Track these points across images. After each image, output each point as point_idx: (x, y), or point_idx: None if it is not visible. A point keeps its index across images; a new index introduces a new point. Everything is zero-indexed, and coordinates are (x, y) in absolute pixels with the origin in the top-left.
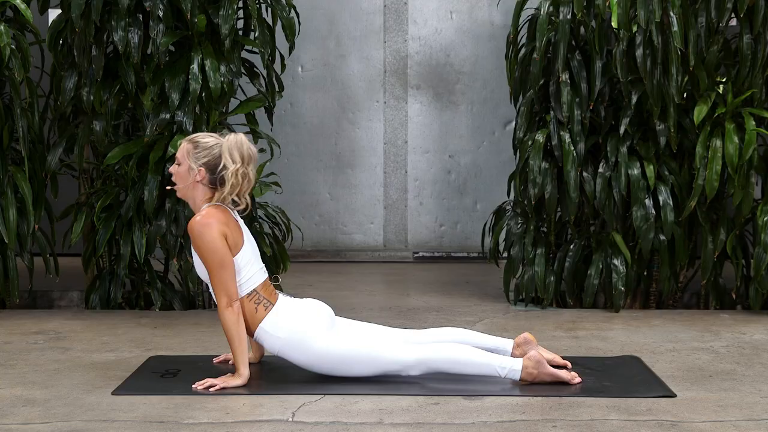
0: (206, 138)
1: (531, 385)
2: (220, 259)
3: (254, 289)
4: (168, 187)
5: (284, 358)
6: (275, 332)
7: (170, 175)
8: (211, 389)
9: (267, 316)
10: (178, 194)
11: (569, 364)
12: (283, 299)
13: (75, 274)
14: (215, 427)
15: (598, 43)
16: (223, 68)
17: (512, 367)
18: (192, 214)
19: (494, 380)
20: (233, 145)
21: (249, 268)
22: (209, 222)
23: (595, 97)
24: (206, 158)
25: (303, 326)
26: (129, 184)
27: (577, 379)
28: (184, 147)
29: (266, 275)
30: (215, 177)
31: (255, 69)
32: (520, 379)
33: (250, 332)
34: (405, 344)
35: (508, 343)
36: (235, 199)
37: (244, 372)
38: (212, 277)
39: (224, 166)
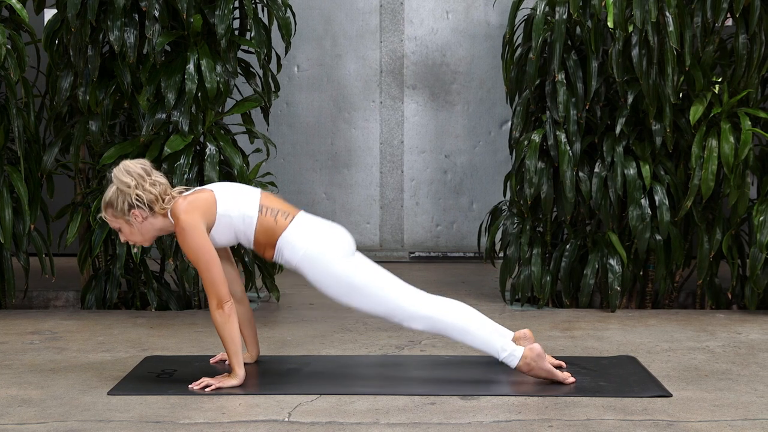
0: (107, 193)
1: (524, 376)
2: (205, 259)
3: (260, 205)
4: (141, 254)
5: (300, 272)
6: (297, 243)
7: (133, 246)
8: (207, 389)
9: (289, 226)
10: (150, 242)
11: (563, 364)
12: (304, 214)
13: (71, 274)
14: (211, 427)
15: (594, 43)
16: (219, 68)
17: (513, 353)
18: None
19: (489, 378)
20: (118, 177)
21: (236, 200)
22: (190, 222)
23: (591, 97)
24: (123, 204)
25: (325, 243)
26: None
27: (571, 379)
28: (108, 218)
29: (259, 189)
30: (143, 206)
31: (251, 69)
32: (515, 367)
33: (272, 244)
34: (417, 295)
35: (508, 335)
36: (167, 199)
37: (240, 372)
38: (201, 277)
39: (136, 196)
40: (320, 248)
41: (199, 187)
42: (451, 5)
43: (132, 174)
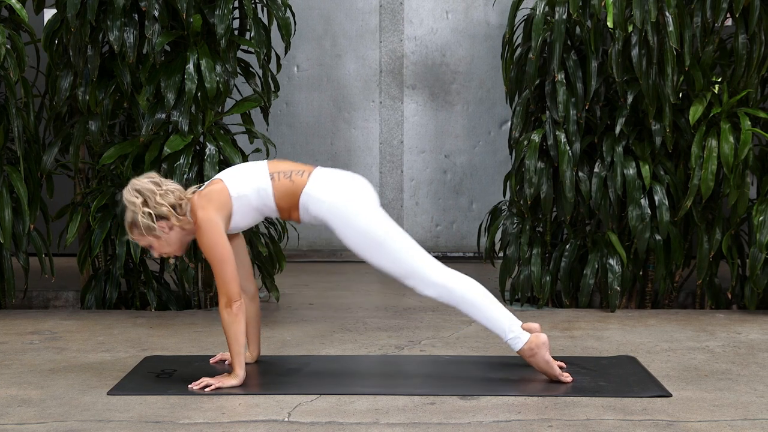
0: (125, 216)
1: (523, 376)
2: (219, 256)
3: (270, 173)
4: (172, 260)
5: (327, 225)
6: (321, 196)
7: (167, 257)
8: (206, 389)
9: (309, 182)
10: (183, 250)
11: (563, 365)
12: (321, 168)
13: (70, 274)
14: (211, 427)
15: (594, 43)
16: (218, 68)
17: (519, 336)
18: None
19: (489, 378)
20: (127, 198)
21: (246, 178)
22: (205, 218)
23: (591, 96)
24: (146, 222)
25: (350, 193)
26: (125, 184)
27: (568, 378)
28: (135, 238)
29: (265, 160)
30: (163, 217)
31: (251, 69)
32: (517, 351)
33: (296, 205)
34: (435, 263)
35: (517, 321)
36: (183, 204)
37: (240, 372)
38: (214, 273)
39: (154, 208)
40: (345, 198)
41: (209, 180)
42: (450, 5)
43: (141, 191)
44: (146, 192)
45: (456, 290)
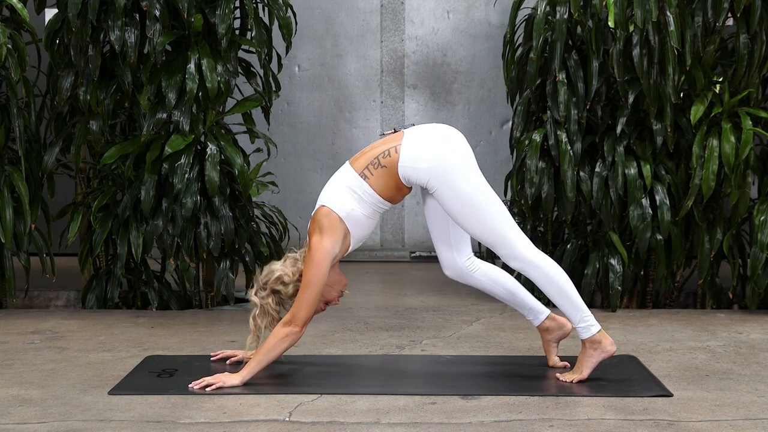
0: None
1: (523, 376)
2: (313, 279)
3: (358, 174)
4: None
5: (432, 191)
6: (417, 164)
7: (328, 301)
8: (207, 389)
9: (401, 156)
10: (339, 285)
11: (567, 365)
12: (411, 131)
13: (71, 273)
14: (212, 426)
15: (595, 43)
16: (219, 68)
17: (592, 325)
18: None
19: (490, 378)
20: (270, 285)
21: (342, 192)
22: (320, 245)
23: (592, 96)
24: (286, 289)
25: (446, 154)
26: (126, 183)
27: (568, 378)
28: (281, 293)
29: (347, 162)
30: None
31: (252, 68)
32: (584, 338)
33: (399, 182)
34: (526, 238)
35: (544, 312)
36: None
37: (246, 377)
38: (299, 292)
39: (280, 282)
40: (444, 162)
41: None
42: (451, 5)
43: (275, 274)
44: (272, 281)
45: (543, 268)
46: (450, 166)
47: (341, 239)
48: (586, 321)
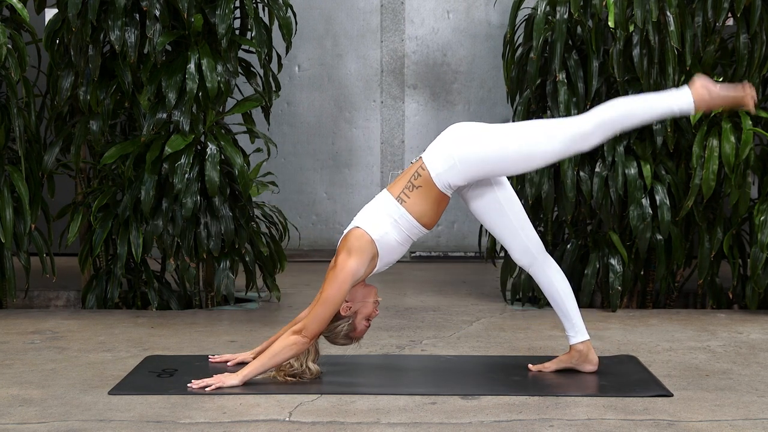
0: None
1: (522, 375)
2: (331, 297)
3: (395, 199)
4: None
5: (480, 175)
6: (449, 167)
7: (369, 317)
8: (207, 389)
9: (429, 167)
10: (369, 310)
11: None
12: (427, 151)
13: (71, 273)
14: (212, 426)
15: (595, 43)
16: (219, 68)
17: (683, 101)
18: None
19: (490, 378)
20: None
21: (379, 216)
22: (346, 265)
23: (592, 96)
24: (338, 337)
25: (455, 139)
26: (126, 183)
27: (750, 94)
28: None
29: (385, 188)
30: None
31: (252, 68)
32: (694, 108)
33: (439, 194)
34: (568, 120)
35: (584, 336)
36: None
37: (246, 377)
38: (315, 307)
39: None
40: (464, 152)
41: (350, 229)
42: (451, 5)
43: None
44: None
45: (612, 116)
46: (469, 143)
47: (367, 262)
48: (677, 102)
